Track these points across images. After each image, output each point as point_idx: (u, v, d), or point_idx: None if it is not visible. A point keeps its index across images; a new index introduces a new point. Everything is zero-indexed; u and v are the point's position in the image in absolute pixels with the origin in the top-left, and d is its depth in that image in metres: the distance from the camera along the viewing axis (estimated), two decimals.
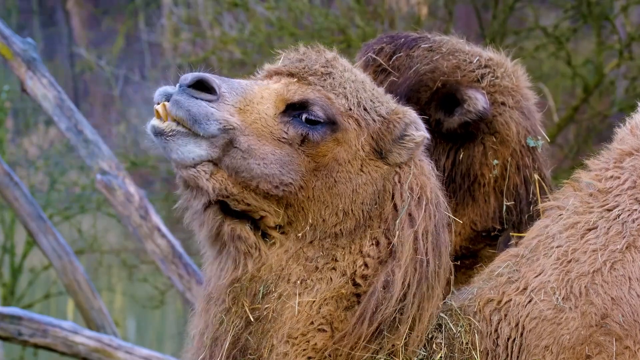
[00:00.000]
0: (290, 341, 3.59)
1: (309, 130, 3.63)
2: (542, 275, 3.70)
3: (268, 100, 3.65)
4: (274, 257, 3.61)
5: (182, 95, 3.54)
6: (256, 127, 3.59)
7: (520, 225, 4.61)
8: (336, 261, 3.64)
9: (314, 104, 3.65)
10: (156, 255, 8.80)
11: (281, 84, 3.72)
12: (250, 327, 3.59)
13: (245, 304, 3.59)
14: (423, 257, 3.65)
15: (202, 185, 3.55)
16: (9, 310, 8.31)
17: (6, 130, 16.37)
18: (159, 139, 3.54)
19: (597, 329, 3.59)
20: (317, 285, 3.62)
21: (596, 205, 3.79)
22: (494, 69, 4.74)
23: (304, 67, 3.76)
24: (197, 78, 3.56)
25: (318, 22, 13.40)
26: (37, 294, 16.35)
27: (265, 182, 3.56)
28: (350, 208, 3.63)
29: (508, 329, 3.67)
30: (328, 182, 3.61)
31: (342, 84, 3.73)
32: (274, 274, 3.60)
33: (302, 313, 3.59)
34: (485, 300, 3.74)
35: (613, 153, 3.92)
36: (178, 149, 3.52)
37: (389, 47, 4.83)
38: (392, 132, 3.72)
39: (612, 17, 13.21)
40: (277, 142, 3.60)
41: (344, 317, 3.62)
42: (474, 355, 3.65)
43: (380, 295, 3.60)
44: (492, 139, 4.67)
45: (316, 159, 3.62)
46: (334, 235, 3.63)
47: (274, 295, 3.59)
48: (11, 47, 8.80)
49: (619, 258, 3.66)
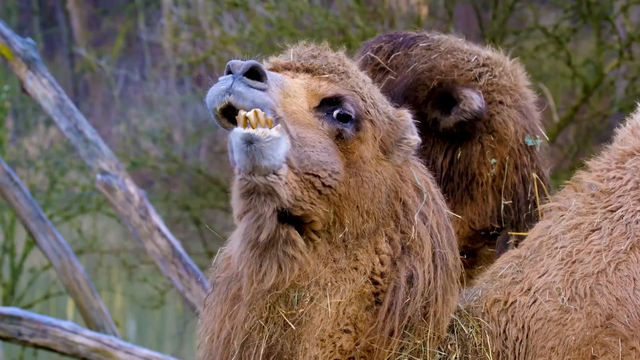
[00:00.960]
0: (319, 344, 3.59)
1: (342, 126, 3.62)
2: (546, 275, 3.71)
3: (300, 95, 3.64)
4: (310, 262, 3.59)
5: (241, 85, 3.48)
6: (297, 117, 3.57)
7: (519, 224, 4.62)
8: (357, 260, 3.65)
9: (346, 100, 3.65)
10: (156, 256, 8.80)
11: (305, 80, 3.70)
12: (285, 332, 3.58)
13: (282, 311, 3.57)
14: (442, 250, 3.69)
15: (278, 191, 3.47)
16: (9, 310, 8.31)
17: (6, 130, 16.37)
18: (251, 146, 3.42)
19: (603, 329, 3.59)
20: (342, 285, 3.62)
21: (599, 206, 3.79)
22: (492, 67, 4.74)
23: (322, 64, 3.74)
24: (251, 65, 3.49)
25: (318, 22, 13.40)
26: (37, 294, 16.35)
27: (322, 170, 3.53)
28: (371, 208, 3.65)
29: (515, 330, 3.68)
30: (357, 180, 3.63)
31: (359, 84, 3.75)
32: (308, 280, 3.59)
33: (332, 315, 3.59)
34: (492, 300, 3.75)
35: (614, 154, 3.92)
36: (272, 154, 3.43)
37: (388, 46, 4.83)
38: (396, 133, 3.76)
39: (612, 17, 13.21)
40: (319, 131, 3.59)
41: (366, 317, 3.63)
42: (488, 357, 3.66)
43: (405, 290, 3.62)
44: (490, 138, 4.67)
45: (347, 156, 3.63)
46: (357, 236, 3.63)
47: (307, 299, 3.58)
48: (11, 47, 8.81)
49: (623, 259, 3.67)
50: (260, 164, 3.43)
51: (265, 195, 3.49)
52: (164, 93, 19.22)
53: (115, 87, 19.94)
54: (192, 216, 15.78)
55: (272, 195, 3.48)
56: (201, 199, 15.44)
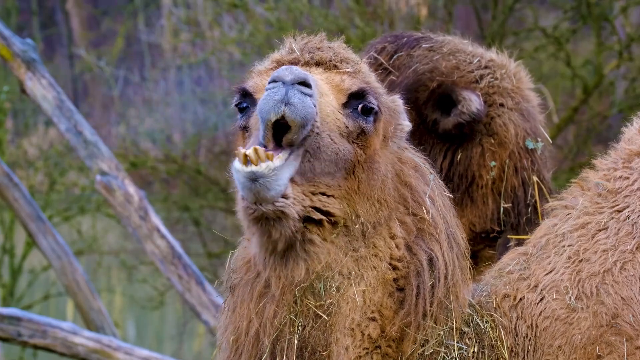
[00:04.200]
0: (349, 333, 3.61)
1: (365, 121, 3.62)
2: (553, 273, 3.73)
3: (329, 91, 3.62)
4: (331, 254, 3.60)
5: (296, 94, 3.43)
6: (329, 121, 3.55)
7: (519, 227, 4.62)
8: (376, 247, 3.67)
9: (369, 93, 3.65)
10: (155, 256, 8.79)
11: (321, 74, 3.66)
12: (316, 323, 3.59)
13: (311, 303, 3.59)
14: (451, 229, 3.73)
15: (288, 211, 3.46)
16: (9, 311, 8.30)
17: (6, 131, 16.36)
18: (256, 183, 3.41)
19: (608, 328, 3.61)
20: (365, 273, 3.64)
21: (606, 206, 3.81)
22: (494, 70, 4.74)
23: (331, 57, 3.72)
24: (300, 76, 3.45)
25: (317, 23, 13.39)
26: (37, 294, 16.34)
27: (322, 184, 3.53)
28: (382, 196, 3.66)
29: (525, 327, 3.70)
30: (369, 173, 3.64)
31: (367, 73, 3.76)
32: (331, 270, 3.60)
33: (359, 303, 3.61)
34: (502, 295, 3.77)
35: (621, 153, 3.92)
36: (276, 185, 3.42)
37: (391, 46, 4.84)
38: (394, 120, 3.78)
39: (612, 18, 13.21)
40: (340, 138, 3.58)
41: (389, 304, 3.65)
42: (503, 352, 3.68)
43: (428, 273, 3.64)
44: (490, 140, 4.67)
45: (366, 151, 3.64)
46: (374, 225, 3.65)
47: (333, 289, 3.60)
48: (11, 47, 8.79)
49: (629, 258, 3.69)
50: (266, 196, 3.43)
51: (275, 220, 3.49)
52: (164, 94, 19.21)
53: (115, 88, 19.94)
54: (191, 217, 15.77)
55: (282, 218, 3.48)
56: (201, 200, 15.43)
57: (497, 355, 3.67)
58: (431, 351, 3.62)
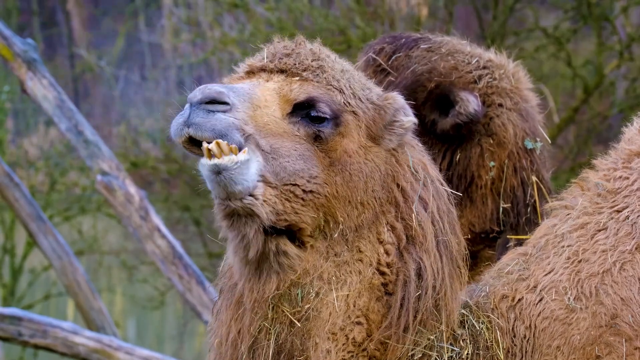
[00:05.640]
0: (331, 337, 3.60)
1: (318, 128, 3.61)
2: (552, 273, 3.72)
3: (272, 103, 3.63)
4: (309, 260, 3.60)
5: (201, 114, 3.50)
6: (270, 128, 3.57)
7: (518, 227, 4.61)
8: (361, 252, 3.64)
9: (320, 101, 3.64)
10: (156, 256, 8.80)
11: (278, 82, 3.69)
12: (293, 329, 3.59)
13: (286, 309, 3.59)
14: (444, 237, 3.68)
15: (257, 211, 3.49)
16: (9, 311, 8.31)
17: (6, 131, 16.38)
18: (220, 176, 3.46)
19: (607, 329, 3.59)
20: (349, 278, 3.62)
21: (606, 206, 3.79)
22: (493, 70, 4.73)
23: (295, 63, 3.73)
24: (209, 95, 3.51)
25: (318, 23, 13.40)
26: (37, 294, 16.35)
27: (300, 178, 3.54)
28: (366, 198, 3.64)
29: (523, 328, 3.68)
30: (345, 176, 3.62)
31: (335, 76, 3.71)
32: (310, 276, 3.59)
33: (341, 308, 3.60)
34: (500, 296, 3.75)
35: (621, 153, 3.91)
36: (243, 178, 3.46)
37: (390, 47, 4.83)
38: (383, 118, 3.73)
39: (612, 18, 13.21)
40: (294, 137, 3.59)
41: (377, 309, 3.63)
42: (499, 353, 3.66)
43: (415, 283, 3.62)
44: (489, 141, 4.67)
45: (330, 155, 3.62)
46: (356, 228, 3.63)
47: (312, 294, 3.59)
48: (11, 47, 8.80)
49: (628, 259, 3.67)
50: (233, 190, 3.46)
51: (246, 217, 3.52)
52: (164, 94, 19.22)
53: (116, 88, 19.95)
54: (192, 217, 15.78)
55: (253, 215, 3.50)
56: (201, 200, 15.42)
57: (492, 356, 3.65)
58: (421, 355, 3.61)
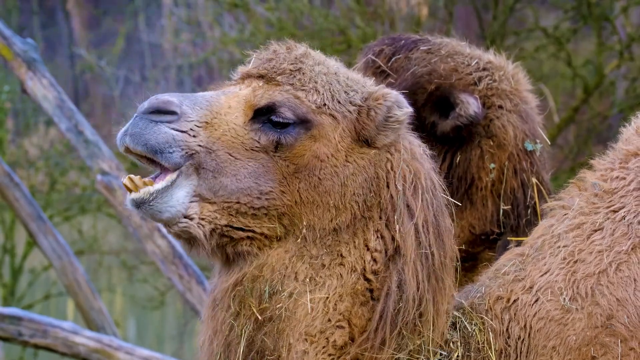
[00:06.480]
0: (308, 339, 3.59)
1: (280, 134, 3.58)
2: (548, 274, 3.71)
3: (237, 109, 3.61)
4: (274, 257, 3.58)
5: (141, 123, 3.51)
6: (225, 139, 3.55)
7: (518, 229, 4.61)
8: (342, 257, 3.61)
9: (281, 106, 3.60)
10: (156, 256, 8.80)
11: (250, 88, 3.68)
12: (264, 328, 3.58)
13: (253, 305, 3.58)
14: (427, 250, 3.62)
15: (195, 233, 3.52)
16: (9, 311, 8.31)
17: (6, 131, 16.38)
18: (143, 208, 3.49)
19: (603, 330, 3.59)
20: (328, 281, 3.60)
21: (602, 206, 3.78)
22: (493, 72, 4.73)
23: (272, 67, 3.71)
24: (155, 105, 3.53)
25: (318, 23, 13.40)
26: (37, 294, 16.36)
27: (244, 196, 3.53)
28: (342, 202, 3.60)
29: (518, 329, 3.67)
30: (312, 181, 3.58)
31: (313, 78, 3.67)
32: (278, 272, 3.58)
33: (318, 310, 3.58)
34: (495, 298, 3.74)
35: (619, 153, 3.90)
36: (167, 207, 3.49)
37: (389, 49, 4.83)
38: (374, 119, 3.67)
39: (612, 18, 13.22)
40: (251, 153, 3.56)
41: (361, 313, 3.61)
42: (490, 355, 3.65)
43: (396, 296, 3.58)
44: (489, 143, 4.66)
45: (294, 161, 3.58)
46: (333, 232, 3.60)
47: (284, 294, 3.57)
48: (11, 47, 8.80)
49: (624, 259, 3.66)
50: (162, 218, 3.49)
51: (190, 239, 3.57)
52: None
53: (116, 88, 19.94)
54: None
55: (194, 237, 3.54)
56: None
57: (483, 358, 3.64)
58: (407, 358, 3.60)
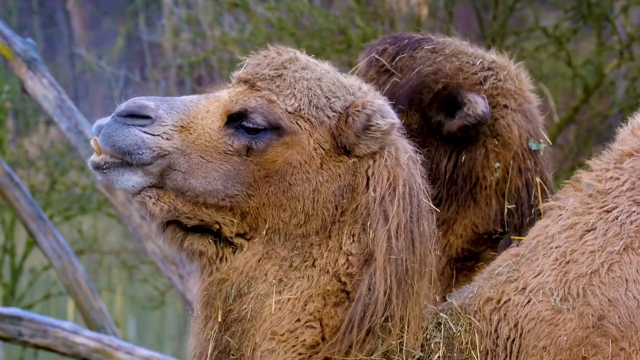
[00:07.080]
0: (276, 338, 3.62)
1: (251, 140, 3.63)
2: (540, 275, 3.70)
3: (214, 114, 3.68)
4: (241, 260, 3.64)
5: (113, 126, 3.61)
6: (200, 143, 3.63)
7: (522, 228, 4.59)
8: (314, 259, 3.64)
9: (253, 112, 3.64)
10: (156, 256, 8.80)
11: (232, 93, 3.72)
12: (230, 329, 3.64)
13: (219, 304, 3.64)
14: (397, 255, 3.61)
15: (150, 209, 3.63)
16: (9, 311, 8.31)
17: (6, 131, 16.38)
18: (98, 172, 3.63)
19: (594, 330, 3.59)
20: (297, 282, 3.63)
21: (595, 207, 3.78)
22: (497, 71, 4.72)
23: (255, 73, 3.75)
24: (130, 109, 3.63)
25: (318, 23, 13.40)
26: (38, 294, 16.36)
27: (211, 197, 3.61)
28: (312, 207, 3.63)
29: (507, 329, 3.67)
30: (282, 186, 3.62)
31: (292, 84, 3.69)
32: (244, 275, 3.63)
33: (285, 310, 3.61)
34: (485, 299, 3.74)
35: (614, 154, 3.91)
36: (117, 179, 3.62)
37: (393, 48, 4.82)
38: (351, 125, 3.66)
39: (613, 18, 13.22)
40: (224, 156, 3.63)
41: (334, 314, 3.63)
42: (474, 355, 3.65)
43: (365, 299, 3.59)
44: (494, 142, 4.65)
45: (265, 166, 3.62)
46: (302, 235, 3.64)
47: (250, 295, 3.63)
48: (12, 47, 8.79)
49: (616, 260, 3.66)
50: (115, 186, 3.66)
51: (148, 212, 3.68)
52: (165, 94, 19.22)
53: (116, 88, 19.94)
54: None
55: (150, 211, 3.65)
56: None
57: (466, 359, 3.65)
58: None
